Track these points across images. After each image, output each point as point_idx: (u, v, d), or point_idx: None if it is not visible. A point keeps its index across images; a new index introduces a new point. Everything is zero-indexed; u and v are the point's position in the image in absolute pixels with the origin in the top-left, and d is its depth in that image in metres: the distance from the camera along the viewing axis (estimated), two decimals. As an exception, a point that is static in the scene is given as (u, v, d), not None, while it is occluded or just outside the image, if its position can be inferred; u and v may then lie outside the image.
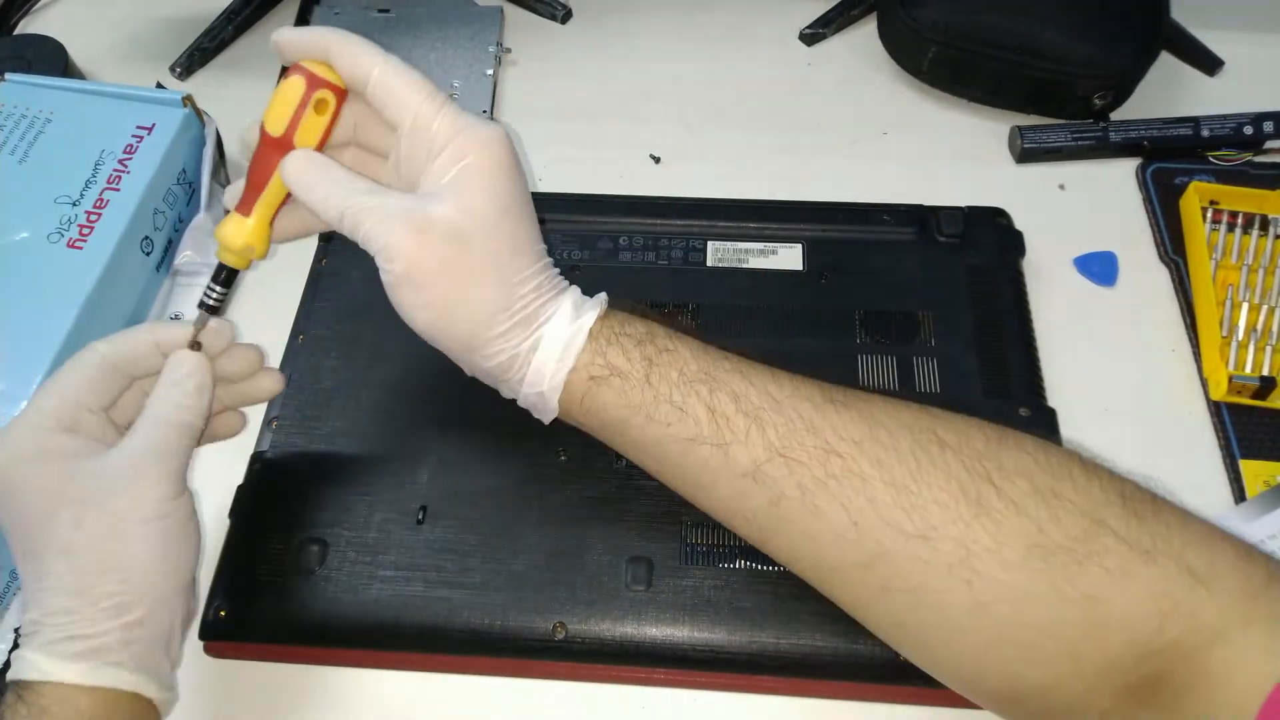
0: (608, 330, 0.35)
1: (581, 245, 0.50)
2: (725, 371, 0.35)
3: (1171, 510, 0.31)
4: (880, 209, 0.50)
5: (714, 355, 0.36)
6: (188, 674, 0.39)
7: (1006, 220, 0.50)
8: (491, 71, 0.60)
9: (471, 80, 0.60)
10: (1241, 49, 0.59)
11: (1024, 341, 0.46)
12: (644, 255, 0.49)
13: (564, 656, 0.38)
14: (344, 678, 0.40)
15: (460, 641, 0.38)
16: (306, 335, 0.47)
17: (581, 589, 0.39)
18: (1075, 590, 0.29)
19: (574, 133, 0.59)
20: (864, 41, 0.62)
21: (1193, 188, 0.51)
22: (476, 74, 0.60)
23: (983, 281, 0.48)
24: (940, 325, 0.46)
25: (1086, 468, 0.32)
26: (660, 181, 0.56)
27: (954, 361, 0.45)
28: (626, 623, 0.38)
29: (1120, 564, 0.29)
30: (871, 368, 0.45)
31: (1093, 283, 0.51)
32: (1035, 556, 0.30)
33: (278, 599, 0.39)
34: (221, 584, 0.40)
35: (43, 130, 0.50)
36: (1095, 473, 0.32)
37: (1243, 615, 0.28)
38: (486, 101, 0.59)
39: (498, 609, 0.39)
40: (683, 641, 0.38)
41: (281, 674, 0.40)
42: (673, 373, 0.34)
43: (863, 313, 0.47)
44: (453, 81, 0.60)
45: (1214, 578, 0.29)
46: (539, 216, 0.37)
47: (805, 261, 0.49)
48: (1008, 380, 0.44)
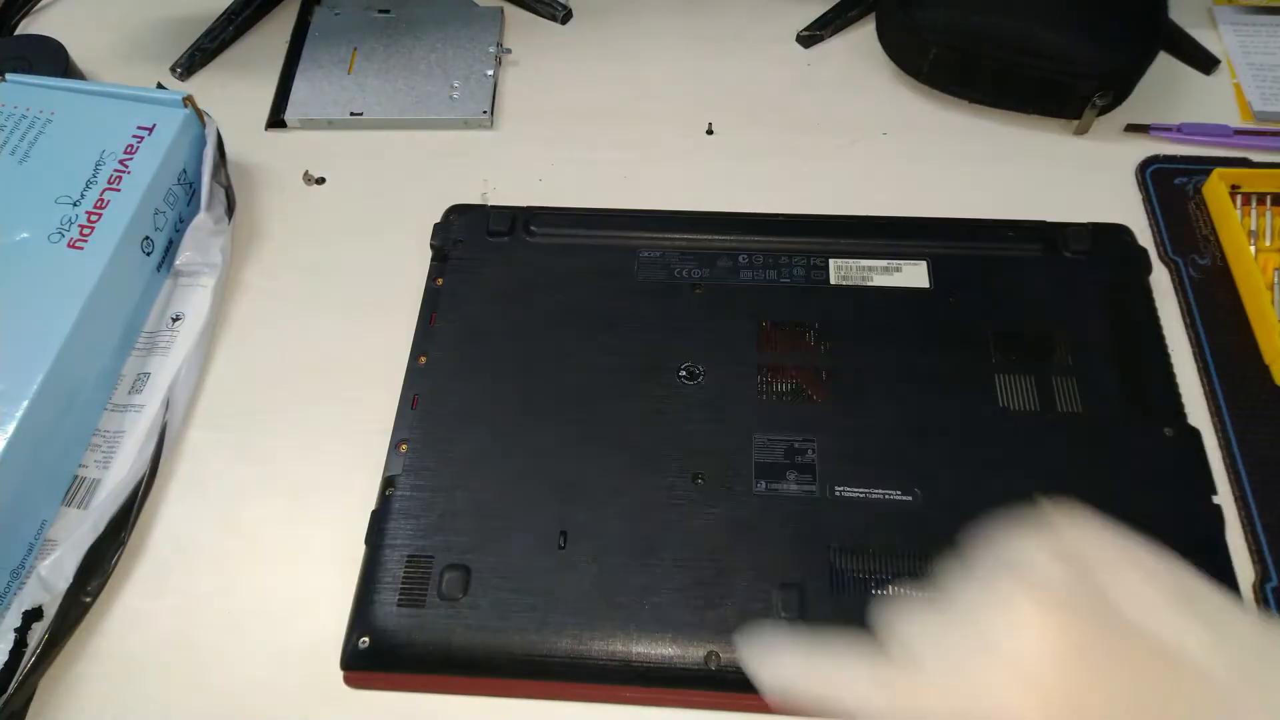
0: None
1: (700, 264, 0.49)
2: None
3: None
4: (1003, 225, 0.50)
5: None
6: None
7: (1130, 237, 0.50)
8: (491, 72, 0.61)
9: (471, 80, 0.60)
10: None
11: (1160, 361, 0.46)
12: (765, 273, 0.49)
13: (719, 687, 0.38)
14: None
15: (611, 671, 0.38)
16: (429, 357, 0.47)
17: (732, 617, 0.38)
18: None
19: (574, 133, 0.59)
20: (863, 43, 0.62)
21: (1216, 174, 0.52)
22: (476, 74, 0.60)
23: (1113, 299, 0.47)
24: (1076, 344, 0.46)
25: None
26: (661, 181, 0.56)
27: (1093, 381, 0.45)
28: None
29: None
30: (1009, 388, 0.45)
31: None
32: None
33: (422, 628, 0.39)
34: (362, 613, 0.39)
35: (43, 130, 0.50)
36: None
37: None
38: (487, 102, 0.59)
39: (648, 638, 0.38)
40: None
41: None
42: None
43: (995, 331, 0.46)
44: (452, 82, 0.60)
45: None
46: (659, 234, 0.36)
47: (932, 279, 0.48)
48: (1149, 400, 0.44)
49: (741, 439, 0.43)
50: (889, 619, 0.27)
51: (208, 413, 0.48)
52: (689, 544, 0.40)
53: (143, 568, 0.44)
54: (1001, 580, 0.27)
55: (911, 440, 0.43)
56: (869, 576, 0.39)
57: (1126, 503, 0.41)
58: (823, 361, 0.46)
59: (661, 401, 0.44)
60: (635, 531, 0.41)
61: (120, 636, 0.42)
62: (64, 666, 0.41)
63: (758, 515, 0.41)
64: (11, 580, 0.42)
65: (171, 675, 0.41)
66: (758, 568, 0.40)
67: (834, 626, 0.38)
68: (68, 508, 0.44)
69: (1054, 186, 0.55)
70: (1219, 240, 0.51)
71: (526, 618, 0.39)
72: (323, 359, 0.49)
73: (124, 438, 0.46)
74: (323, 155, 0.58)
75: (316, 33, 0.63)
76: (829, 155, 0.57)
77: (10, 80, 0.53)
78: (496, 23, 0.63)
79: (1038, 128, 0.58)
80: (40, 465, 0.43)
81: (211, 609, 0.42)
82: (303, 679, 0.40)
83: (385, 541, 0.41)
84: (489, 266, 0.49)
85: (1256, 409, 0.46)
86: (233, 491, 0.46)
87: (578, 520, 0.41)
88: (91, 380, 0.46)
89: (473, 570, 0.40)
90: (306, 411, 0.48)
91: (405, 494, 0.42)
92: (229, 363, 0.50)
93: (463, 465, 0.43)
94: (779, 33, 0.63)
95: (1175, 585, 0.25)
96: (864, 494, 0.42)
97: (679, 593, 0.39)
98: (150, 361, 0.49)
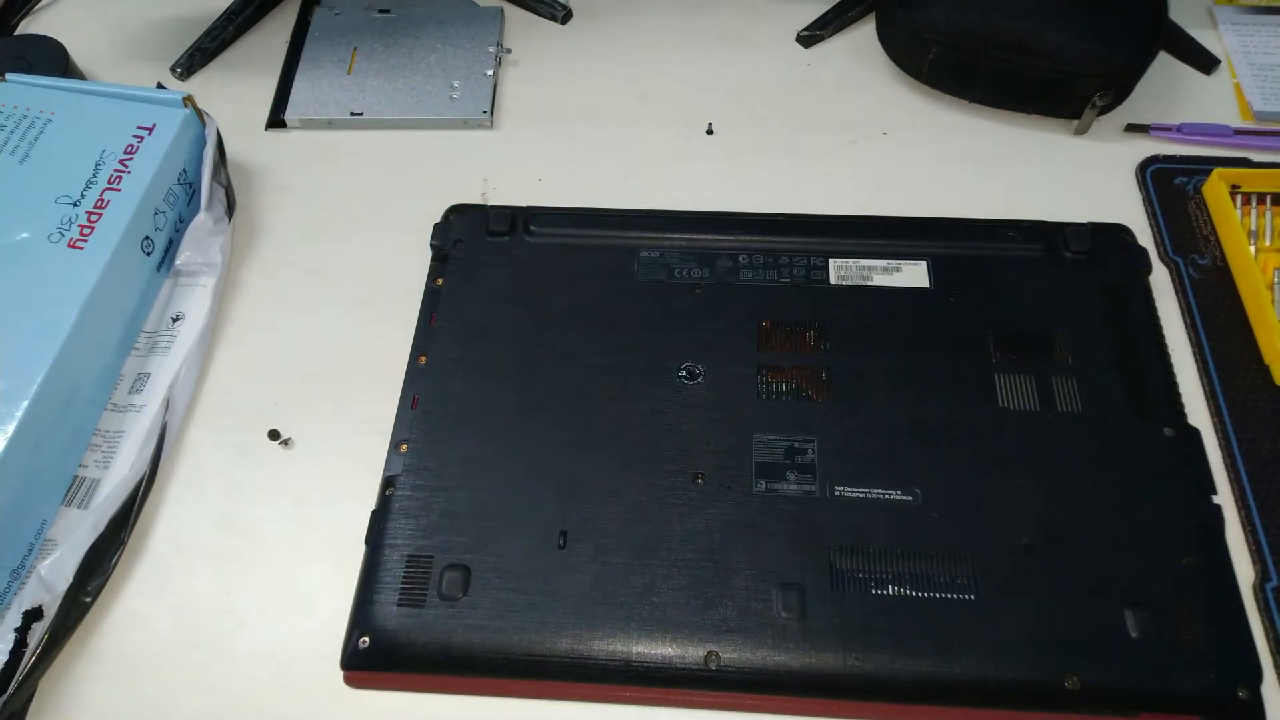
0: None
1: (700, 263, 0.49)
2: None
3: None
4: (1003, 225, 0.50)
5: None
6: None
7: (1130, 237, 0.50)
8: (491, 72, 0.61)
9: (471, 80, 0.60)
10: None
11: (1160, 361, 0.46)
12: (765, 273, 0.49)
13: (720, 687, 0.38)
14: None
15: (611, 671, 0.38)
16: (429, 357, 0.47)
17: (733, 617, 0.39)
18: None
19: (574, 133, 0.59)
20: (863, 43, 0.62)
21: (1216, 174, 0.52)
22: (476, 74, 0.60)
23: (1113, 299, 0.47)
24: (1075, 344, 0.46)
25: None
26: (661, 181, 0.56)
27: (1093, 381, 0.45)
28: (782, 652, 0.38)
29: None
30: (1009, 388, 0.45)
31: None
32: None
33: (422, 627, 0.39)
34: (362, 613, 0.39)
35: (43, 130, 0.50)
36: None
37: None
38: (486, 102, 0.59)
39: (648, 638, 0.38)
40: (841, 671, 0.37)
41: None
42: None
43: (995, 331, 0.46)
44: (452, 82, 0.60)
45: None
46: (659, 234, 0.36)
47: (932, 279, 0.48)
48: (1149, 400, 0.44)
49: (741, 439, 0.43)
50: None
51: (208, 413, 0.48)
52: (689, 544, 0.40)
53: (143, 568, 0.44)
54: None
55: (911, 440, 0.43)
56: (869, 576, 0.39)
57: (1126, 503, 0.41)
58: (823, 361, 0.46)
59: (661, 401, 0.44)
60: (635, 531, 0.41)
61: (120, 636, 0.42)
62: (64, 666, 0.41)
63: (758, 515, 0.41)
64: (12, 580, 0.42)
65: (171, 675, 0.41)
66: (757, 568, 0.40)
67: (834, 625, 0.38)
68: (68, 508, 0.44)
69: (1054, 186, 0.55)
70: (1219, 240, 0.51)
71: (526, 618, 0.39)
72: (323, 359, 0.49)
73: (124, 438, 0.46)
74: (323, 155, 0.58)
75: (316, 33, 0.63)
76: (829, 155, 0.57)
77: (10, 80, 0.53)
78: (496, 23, 0.63)
79: (1038, 128, 0.58)
80: (40, 465, 0.43)
81: (211, 609, 0.42)
82: (303, 679, 0.40)
83: (385, 541, 0.41)
84: (489, 266, 0.49)
85: (1256, 409, 0.46)
86: (233, 491, 0.46)
87: (578, 520, 0.41)
88: (91, 380, 0.46)
89: (473, 570, 0.40)
90: (306, 411, 0.48)
91: (405, 494, 0.42)
92: (229, 363, 0.50)
93: (463, 465, 0.43)
94: (779, 33, 0.63)
95: None
96: (864, 494, 0.42)
97: (679, 592, 0.39)
98: (150, 361, 0.49)
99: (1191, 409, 0.45)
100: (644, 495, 0.42)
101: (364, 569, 0.41)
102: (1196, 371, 0.47)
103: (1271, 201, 0.52)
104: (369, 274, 0.52)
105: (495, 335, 0.47)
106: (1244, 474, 0.44)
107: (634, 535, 0.41)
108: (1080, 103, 0.55)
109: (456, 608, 0.39)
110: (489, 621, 0.39)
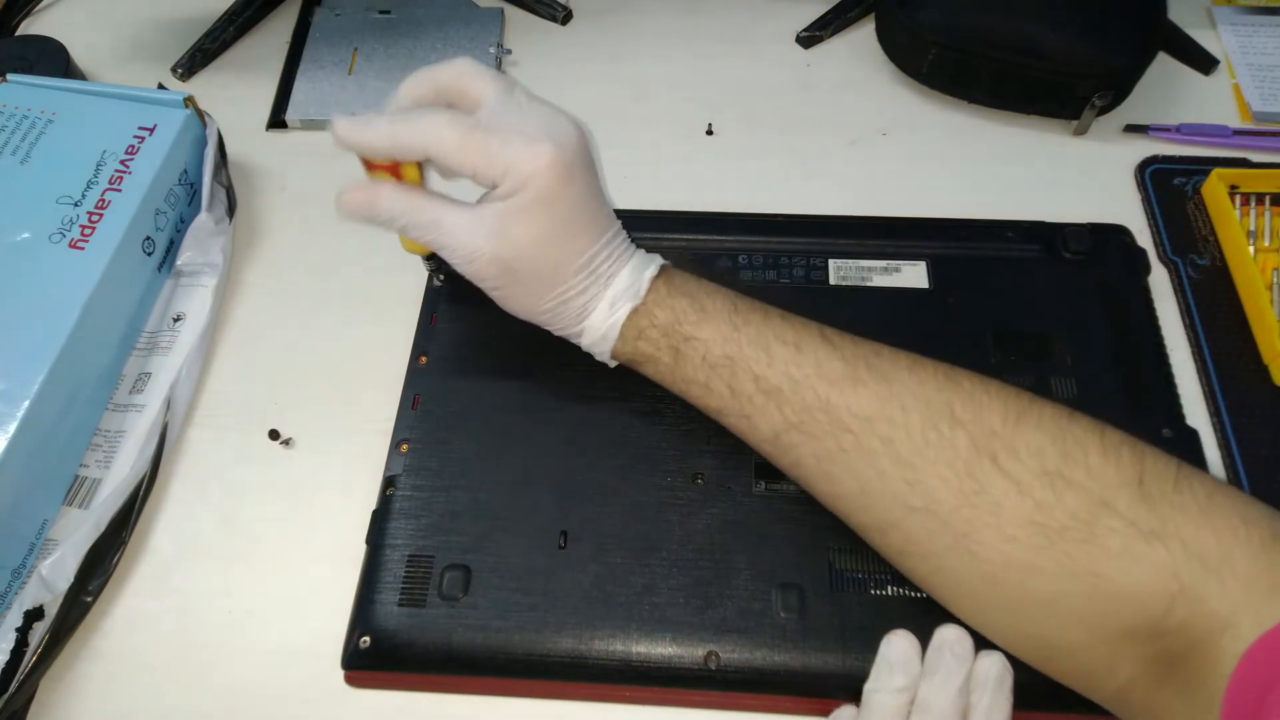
0: (642, 320, 0.39)
1: (700, 264, 0.48)
2: (747, 354, 0.37)
3: (1197, 493, 0.31)
4: (1003, 225, 0.50)
5: (741, 336, 0.38)
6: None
7: (1129, 237, 0.50)
8: (492, 72, 0.61)
9: (472, 81, 0.60)
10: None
11: (1159, 361, 0.46)
12: (765, 274, 0.49)
13: (719, 686, 0.38)
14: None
15: (611, 670, 0.38)
16: (430, 357, 0.47)
17: (732, 616, 0.39)
18: (1079, 566, 0.30)
19: (574, 133, 0.59)
20: (862, 43, 0.62)
21: (1215, 174, 0.52)
22: (477, 75, 0.60)
23: (1112, 300, 0.47)
24: (1074, 344, 0.46)
25: (1107, 447, 0.32)
26: (661, 181, 0.56)
27: (1092, 381, 0.45)
28: (782, 651, 0.38)
29: (1123, 544, 0.30)
30: None
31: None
32: (1037, 533, 0.31)
33: (422, 627, 0.39)
34: (363, 612, 0.39)
35: (44, 131, 0.50)
36: (1115, 452, 0.32)
37: (1255, 608, 0.28)
38: (487, 102, 0.59)
39: (648, 637, 0.38)
40: (841, 671, 0.37)
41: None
42: (696, 358, 0.38)
43: (994, 332, 0.46)
44: (453, 82, 0.60)
45: (1226, 566, 0.29)
46: (659, 235, 0.37)
47: (931, 279, 0.48)
48: (1148, 400, 0.44)
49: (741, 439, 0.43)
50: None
51: (208, 413, 0.48)
52: (689, 544, 0.40)
53: (143, 567, 0.44)
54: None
55: None
56: (869, 576, 0.39)
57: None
58: (822, 361, 0.45)
59: (661, 401, 0.44)
60: (635, 531, 0.41)
61: (121, 636, 0.42)
62: (65, 666, 0.41)
63: (758, 515, 0.41)
64: (13, 580, 0.42)
65: (172, 675, 0.41)
66: (757, 567, 0.40)
67: (834, 625, 0.38)
68: (69, 507, 0.44)
69: (1053, 187, 0.55)
70: (1218, 240, 0.51)
71: (527, 617, 0.39)
72: (323, 359, 0.50)
73: (125, 437, 0.46)
74: (324, 155, 0.58)
75: (317, 33, 0.63)
76: (829, 155, 0.57)
77: (11, 80, 0.53)
78: (496, 23, 0.63)
79: (1037, 128, 0.58)
80: (41, 465, 0.43)
81: (211, 609, 0.42)
82: (303, 679, 0.40)
83: (386, 541, 0.41)
84: None
85: (1256, 409, 0.46)
86: (233, 491, 0.46)
87: (577, 520, 0.41)
88: (92, 380, 0.46)
89: (473, 570, 0.40)
90: (307, 411, 0.48)
91: (406, 494, 0.42)
92: (230, 363, 0.50)
93: (463, 465, 0.43)
94: (779, 33, 0.63)
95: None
96: None
97: (679, 592, 0.39)
98: (151, 361, 0.49)
99: (1190, 409, 0.45)
100: (644, 495, 0.42)
101: (364, 569, 0.41)
102: (1195, 372, 0.47)
103: (1270, 202, 0.52)
104: (370, 274, 0.52)
105: (496, 335, 0.47)
106: (1243, 474, 0.44)
107: (634, 535, 0.41)
108: (1079, 103, 0.55)
109: (457, 608, 0.39)
110: (489, 621, 0.39)
